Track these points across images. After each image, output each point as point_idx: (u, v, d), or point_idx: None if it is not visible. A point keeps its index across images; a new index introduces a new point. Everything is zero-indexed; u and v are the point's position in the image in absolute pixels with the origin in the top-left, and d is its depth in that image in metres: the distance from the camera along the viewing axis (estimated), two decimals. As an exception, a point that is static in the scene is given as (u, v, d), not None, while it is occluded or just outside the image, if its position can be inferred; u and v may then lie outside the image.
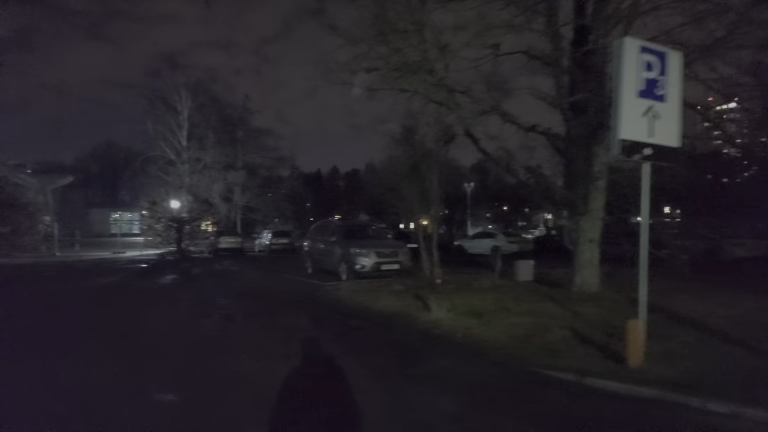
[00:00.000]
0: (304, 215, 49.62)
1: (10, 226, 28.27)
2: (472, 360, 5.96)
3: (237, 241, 29.00)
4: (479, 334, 7.10)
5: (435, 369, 5.60)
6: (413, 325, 7.87)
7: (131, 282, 15.15)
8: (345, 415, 4.23)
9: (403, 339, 7.10)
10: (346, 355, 6.01)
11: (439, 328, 7.56)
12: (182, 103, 47.93)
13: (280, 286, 13.81)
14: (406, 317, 8.51)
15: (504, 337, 6.86)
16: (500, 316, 7.97)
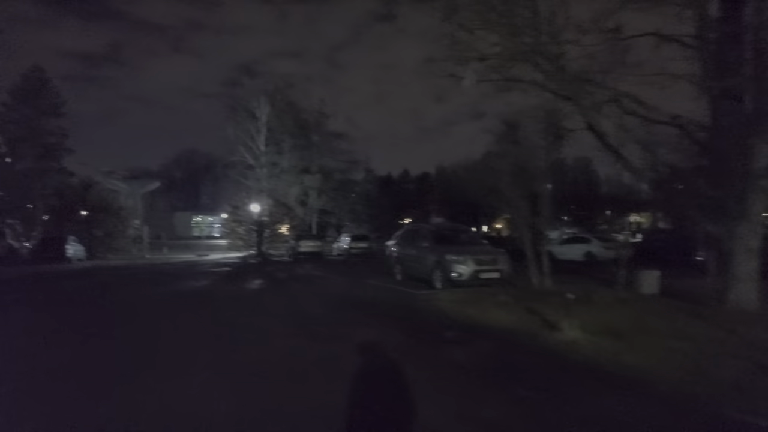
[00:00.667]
0: (378, 218, 49.19)
1: (104, 229, 29.63)
2: (639, 399, 4.86)
3: (317, 244, 28.85)
4: (632, 361, 5.96)
5: (598, 411, 4.57)
6: (543, 347, 6.82)
7: (222, 287, 14.98)
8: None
9: (539, 365, 6.08)
10: (487, 388, 5.11)
11: (577, 351, 6.48)
12: (260, 109, 48.90)
13: (371, 294, 13.09)
14: (529, 335, 7.48)
15: (665, 367, 5.70)
16: (647, 339, 6.78)
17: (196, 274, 19.54)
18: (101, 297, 12.91)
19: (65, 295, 13.28)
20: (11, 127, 45.47)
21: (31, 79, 46.23)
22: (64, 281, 17.20)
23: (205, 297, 12.51)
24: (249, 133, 49.19)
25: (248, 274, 19.78)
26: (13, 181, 34.89)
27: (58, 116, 47.32)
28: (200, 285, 15.50)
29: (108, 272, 20.83)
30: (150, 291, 13.78)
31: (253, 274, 19.68)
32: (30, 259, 26.42)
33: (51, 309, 10.73)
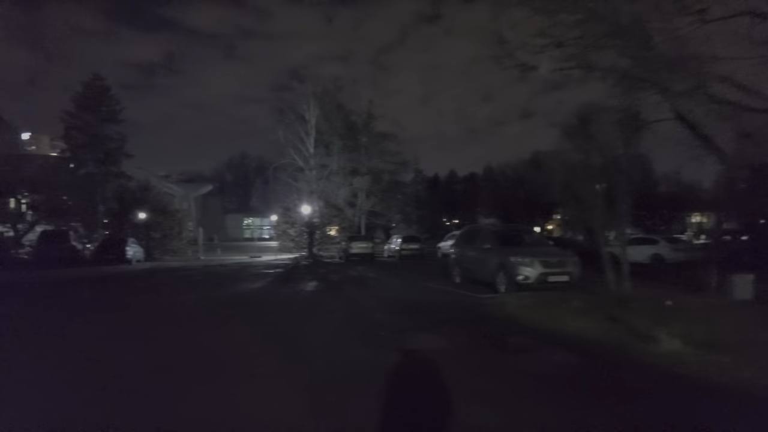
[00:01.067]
0: (427, 220, 48.59)
1: (161, 231, 30.32)
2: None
3: (368, 246, 28.56)
4: (749, 377, 5.22)
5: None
6: (638, 360, 6.13)
7: (278, 289, 14.80)
8: None
9: (640, 381, 5.41)
10: (584, 407, 4.52)
11: (680, 365, 5.76)
12: (310, 111, 49.24)
13: (431, 297, 12.58)
14: (618, 346, 6.79)
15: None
16: (761, 351, 5.98)
17: (251, 276, 19.53)
18: (167, 298, 12.92)
19: (134, 297, 13.40)
20: (75, 134, 47.50)
21: (93, 87, 48.14)
22: (129, 282, 17.50)
23: (263, 300, 12.31)
24: (298, 136, 49.63)
25: (302, 275, 19.62)
26: (77, 185, 36.27)
27: (118, 122, 49.10)
28: (257, 287, 15.39)
29: (167, 273, 21.15)
30: (211, 293, 13.72)
31: (306, 275, 19.51)
32: (92, 260, 27.27)
33: (121, 311, 10.76)
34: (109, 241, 26.89)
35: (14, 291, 14.65)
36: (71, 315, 10.01)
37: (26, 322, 9.26)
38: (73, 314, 10.11)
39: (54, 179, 31.94)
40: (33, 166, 32.51)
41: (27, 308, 11.09)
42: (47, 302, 12.03)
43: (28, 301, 12.41)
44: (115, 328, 8.61)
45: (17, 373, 5.83)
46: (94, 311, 10.45)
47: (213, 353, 6.76)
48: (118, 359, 6.42)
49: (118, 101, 49.34)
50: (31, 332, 8.27)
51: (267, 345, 7.25)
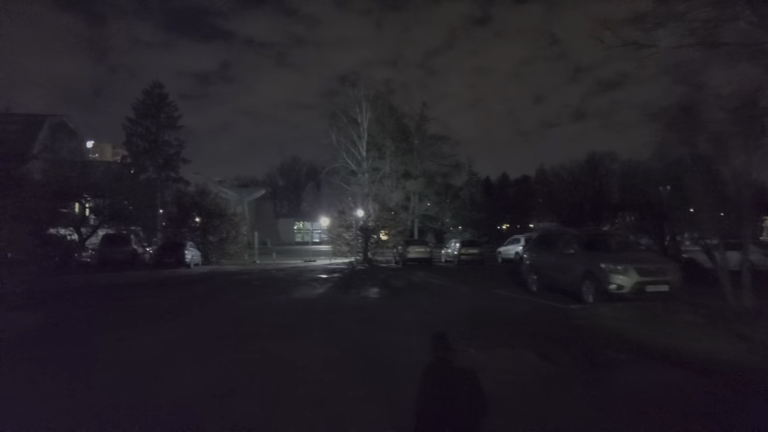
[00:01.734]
0: (483, 223, 47.19)
1: (219, 235, 30.38)
2: None
3: (426, 250, 27.59)
4: None
5: None
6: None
7: (340, 296, 14.05)
8: None
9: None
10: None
11: None
12: (362, 114, 48.89)
13: (508, 307, 11.51)
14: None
15: None
16: None
17: (310, 280, 18.95)
18: (232, 305, 12.43)
19: (198, 303, 12.99)
20: (136, 140, 48.96)
21: (152, 94, 49.52)
22: (190, 287, 17.23)
23: (331, 308, 11.56)
24: (351, 139, 49.36)
25: (362, 281, 18.89)
26: (137, 190, 37.06)
27: (176, 128, 50.34)
28: (318, 293, 14.72)
29: (226, 278, 20.89)
30: (275, 299, 13.12)
31: (367, 281, 18.76)
32: (152, 263, 27.52)
33: (189, 318, 10.28)
34: (168, 244, 27.06)
35: (84, 294, 14.54)
36: (139, 323, 9.55)
37: (99, 329, 8.87)
38: (143, 322, 9.65)
39: (116, 184, 32.61)
40: (97, 172, 33.29)
41: (98, 313, 10.77)
42: (116, 306, 11.74)
43: (99, 304, 12.16)
44: (184, 339, 8.03)
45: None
46: (163, 319, 9.95)
47: (298, 372, 6.01)
48: (193, 378, 5.76)
49: (176, 107, 50.65)
50: (104, 338, 7.82)
51: (349, 365, 6.43)
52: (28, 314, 9.50)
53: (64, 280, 18.66)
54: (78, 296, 14.02)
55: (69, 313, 10.61)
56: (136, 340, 7.84)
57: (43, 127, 40.13)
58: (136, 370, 6.04)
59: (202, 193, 31.13)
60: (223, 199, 35.75)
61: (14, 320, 8.84)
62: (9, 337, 7.70)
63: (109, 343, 7.62)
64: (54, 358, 6.68)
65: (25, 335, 8.11)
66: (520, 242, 28.12)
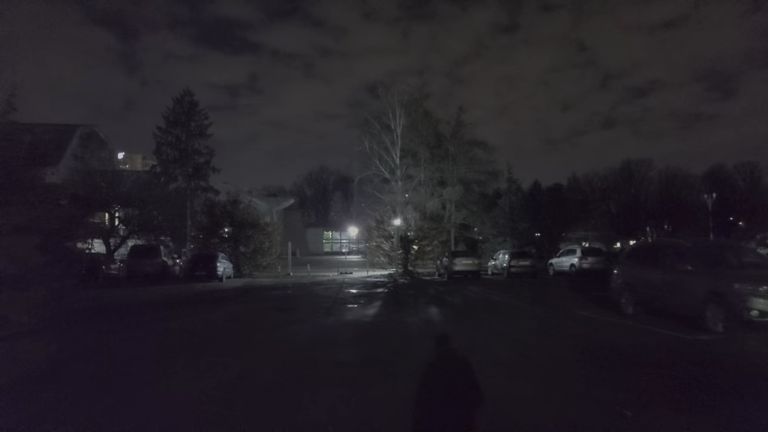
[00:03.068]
0: (525, 233, 44.70)
1: (251, 246, 28.80)
2: None
3: (474, 263, 25.45)
4: None
5: None
6: None
7: (399, 317, 12.09)
8: None
9: None
10: None
11: None
12: (396, 120, 47.12)
13: (613, 337, 9.33)
14: None
15: None
16: None
17: (355, 297, 17.05)
18: (279, 330, 10.57)
19: (240, 328, 11.23)
20: (165, 149, 48.07)
21: (183, 102, 48.64)
22: (225, 304, 15.57)
23: (394, 335, 9.65)
24: (384, 146, 47.57)
25: (413, 298, 16.94)
26: (167, 199, 35.93)
27: (206, 137, 49.29)
28: (371, 314, 12.81)
29: (263, 293, 19.18)
30: (325, 322, 11.22)
31: (418, 298, 16.80)
32: (182, 276, 26.08)
33: (232, 346, 8.48)
34: (199, 256, 25.54)
35: (108, 315, 12.95)
36: (175, 359, 7.71)
37: (124, 367, 7.10)
38: (179, 357, 7.81)
39: (146, 194, 31.51)
40: (127, 181, 32.23)
41: (123, 343, 9.05)
42: (145, 332, 10.01)
43: (125, 329, 10.47)
44: (233, 387, 6.15)
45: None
46: (203, 353, 8.06)
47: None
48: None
49: (206, 116, 49.61)
50: (130, 381, 6.03)
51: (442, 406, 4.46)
52: (37, 345, 7.82)
53: (88, 297, 17.18)
54: (101, 318, 12.40)
55: (88, 342, 8.87)
56: (173, 383, 6.04)
57: (74, 137, 39.62)
58: None
59: (233, 202, 29.62)
60: (254, 209, 34.18)
61: (19, 355, 7.16)
62: (5, 383, 5.91)
63: (138, 389, 5.81)
64: (65, 416, 4.88)
65: (28, 377, 6.32)
66: (575, 253, 25.84)
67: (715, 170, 64.58)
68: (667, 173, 65.79)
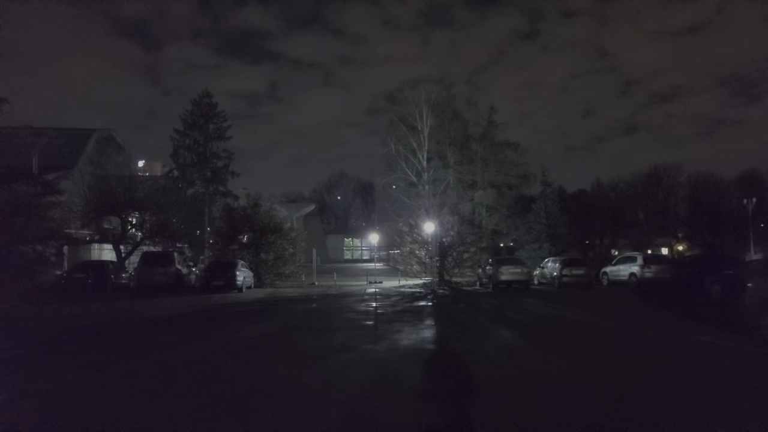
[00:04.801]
0: (562, 239, 41.64)
1: (273, 253, 26.42)
2: None
3: (523, 271, 22.64)
4: None
5: None
6: None
7: (471, 343, 9.47)
8: None
9: None
10: None
11: None
12: (423, 120, 44.68)
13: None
14: None
15: None
16: None
17: (399, 312, 14.43)
18: (322, 359, 8.05)
19: (269, 352, 8.71)
20: (183, 152, 46.24)
21: (201, 104, 46.79)
22: (250, 321, 13.13)
23: (479, 373, 7.01)
24: (410, 148, 45.12)
25: (467, 314, 14.33)
26: (184, 204, 33.95)
27: (225, 140, 47.38)
28: (429, 336, 10.22)
29: (290, 306, 16.72)
30: (376, 350, 8.61)
31: (474, 314, 14.18)
32: (199, 286, 23.77)
33: (264, 389, 5.95)
34: (217, 264, 23.14)
35: (105, 335, 10.57)
36: (186, 413, 5.25)
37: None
38: (192, 409, 5.35)
39: (162, 199, 29.48)
40: (143, 186, 30.29)
41: (114, 383, 6.59)
42: (147, 364, 7.54)
43: (120, 359, 8.04)
44: None
45: None
46: (227, 406, 5.63)
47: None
48: None
49: (225, 118, 47.74)
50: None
51: None
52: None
53: (89, 310, 14.90)
54: (96, 338, 10.02)
55: (60, 384, 6.43)
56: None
57: (90, 141, 38.27)
58: None
59: (254, 206, 27.24)
60: (276, 213, 31.80)
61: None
62: None
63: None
64: None
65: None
66: (636, 261, 22.92)
67: (748, 175, 61.08)
68: (697, 178, 62.28)
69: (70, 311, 14.76)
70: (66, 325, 12.11)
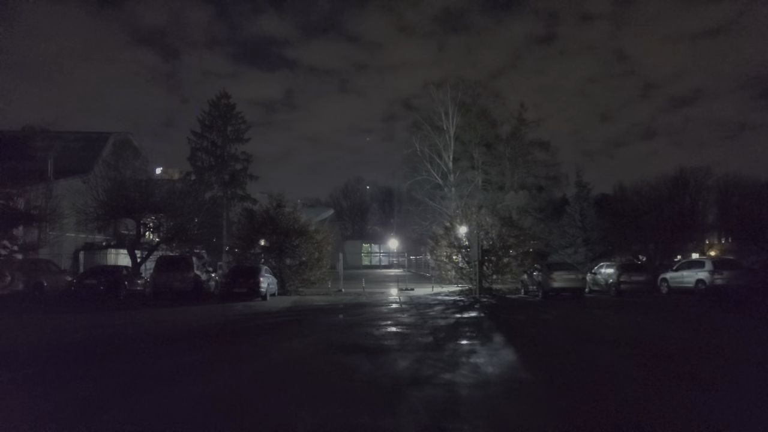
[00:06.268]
0: (599, 243, 39.19)
1: (298, 258, 24.46)
2: None
3: (577, 277, 20.35)
4: None
5: None
6: None
7: (588, 376, 7.37)
8: None
9: None
10: None
11: None
12: (449, 120, 42.60)
13: None
14: None
15: None
16: None
17: (454, 326, 12.33)
18: (389, 391, 6.02)
19: (315, 385, 6.69)
20: (201, 155, 44.60)
21: (219, 105, 45.17)
22: (282, 336, 11.15)
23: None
24: (435, 149, 43.11)
25: (536, 327, 12.18)
26: (202, 208, 32.28)
27: (243, 142, 45.70)
28: (516, 360, 8.13)
29: (322, 317, 14.67)
30: (463, 382, 6.61)
31: (547, 328, 12.03)
32: (219, 293, 21.89)
33: None
34: (239, 270, 21.19)
35: (103, 357, 8.64)
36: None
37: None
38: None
39: (179, 202, 27.83)
40: (160, 190, 28.73)
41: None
42: (149, 407, 5.59)
43: (113, 396, 6.09)
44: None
45: None
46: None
47: None
48: None
49: (244, 119, 46.04)
50: None
51: None
52: None
53: (94, 321, 13.03)
54: (93, 361, 8.07)
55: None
56: None
57: (107, 145, 37.33)
58: None
59: (278, 206, 25.32)
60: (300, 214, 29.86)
61: None
62: None
63: None
64: None
65: None
66: (703, 266, 20.51)
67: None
68: (726, 181, 59.23)
69: (70, 322, 12.91)
70: (60, 339, 10.20)
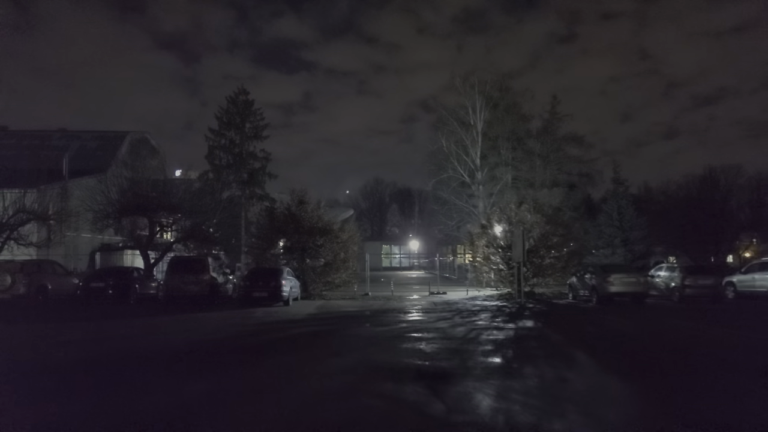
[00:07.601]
0: (638, 243, 36.78)
1: (323, 258, 22.61)
2: None
3: (639, 281, 18.07)
4: None
5: None
6: None
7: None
8: None
9: None
10: None
11: None
12: (476, 115, 40.53)
13: None
14: None
15: None
16: None
17: (516, 341, 10.28)
18: None
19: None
20: (218, 153, 43.07)
21: (237, 102, 43.63)
22: (306, 356, 9.24)
23: None
24: (462, 145, 41.09)
25: (616, 342, 10.11)
26: (218, 207, 30.72)
27: (262, 139, 44.11)
28: (628, 392, 6.09)
29: (353, 326, 12.73)
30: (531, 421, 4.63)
31: (629, 343, 9.95)
32: (237, 297, 20.15)
33: None
34: (259, 272, 19.38)
35: (97, 382, 6.81)
36: None
37: None
38: None
39: (196, 201, 26.33)
40: (178, 190, 27.32)
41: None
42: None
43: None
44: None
45: None
46: None
47: None
48: None
49: (262, 116, 44.45)
50: None
51: None
52: None
53: (92, 330, 11.27)
54: (75, 388, 6.20)
55: None
56: None
57: (123, 143, 36.41)
58: None
59: (300, 203, 23.50)
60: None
61: None
62: None
63: None
64: None
65: None
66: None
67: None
68: (759, 180, 56.31)
69: (56, 334, 11.17)
70: (31, 358, 8.38)
